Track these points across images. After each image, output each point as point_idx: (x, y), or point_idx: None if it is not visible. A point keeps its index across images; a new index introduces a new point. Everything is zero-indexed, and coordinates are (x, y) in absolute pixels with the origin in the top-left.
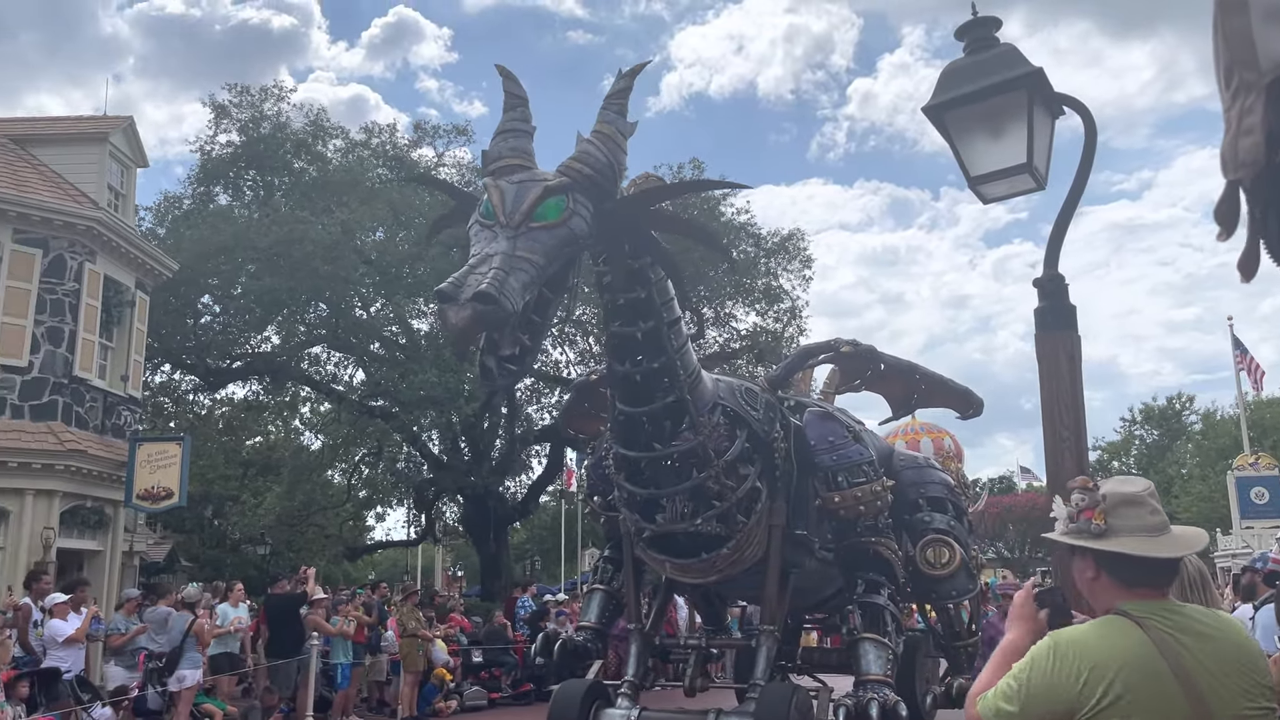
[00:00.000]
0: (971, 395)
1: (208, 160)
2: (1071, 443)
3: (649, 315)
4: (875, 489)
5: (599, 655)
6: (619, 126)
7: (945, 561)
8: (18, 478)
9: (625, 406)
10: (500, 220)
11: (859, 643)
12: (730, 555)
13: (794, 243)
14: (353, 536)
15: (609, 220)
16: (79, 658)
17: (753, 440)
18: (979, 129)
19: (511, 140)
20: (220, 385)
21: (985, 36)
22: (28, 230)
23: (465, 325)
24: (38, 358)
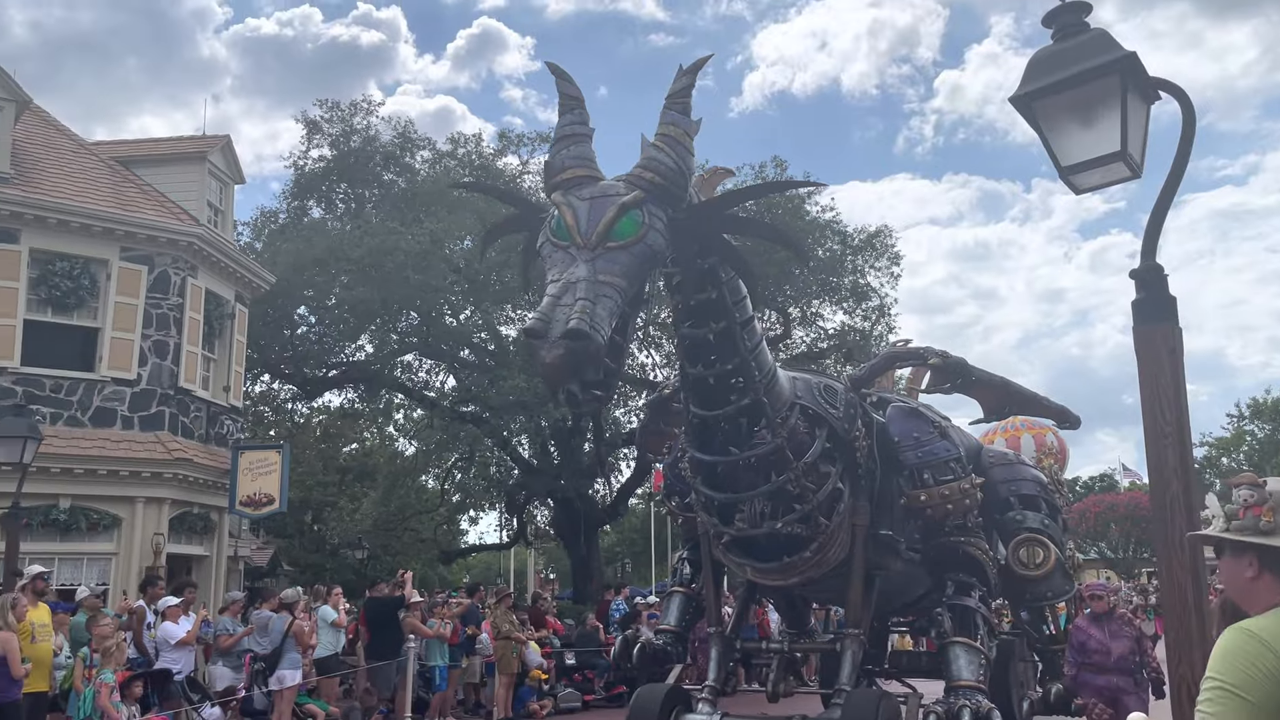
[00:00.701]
0: (1068, 413)
1: (301, 175)
2: (1174, 439)
3: (720, 316)
4: (963, 486)
5: (679, 659)
6: (684, 127)
7: (1039, 562)
8: (129, 486)
9: (699, 410)
10: (576, 241)
11: (949, 647)
12: (812, 558)
13: (881, 239)
14: (447, 540)
15: (681, 227)
16: (189, 659)
17: (833, 439)
18: (1070, 117)
19: (573, 147)
20: (317, 394)
21: (1074, 22)
22: (134, 248)
23: (558, 364)
24: (145, 370)
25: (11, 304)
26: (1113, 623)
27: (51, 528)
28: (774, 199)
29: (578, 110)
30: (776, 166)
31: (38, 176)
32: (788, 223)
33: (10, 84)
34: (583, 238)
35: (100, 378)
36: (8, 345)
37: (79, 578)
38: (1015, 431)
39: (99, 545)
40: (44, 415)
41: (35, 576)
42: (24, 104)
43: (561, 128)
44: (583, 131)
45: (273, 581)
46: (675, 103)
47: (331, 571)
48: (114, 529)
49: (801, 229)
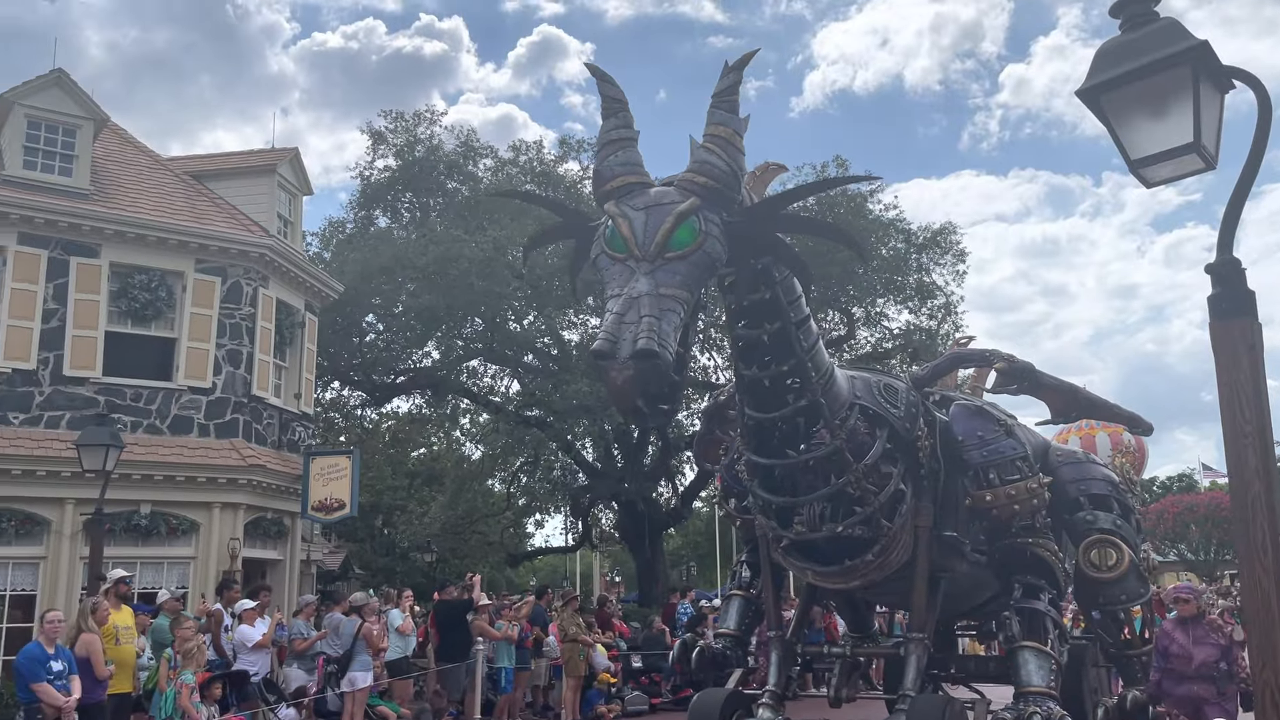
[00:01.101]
0: (1139, 420)
1: (367, 185)
2: (1255, 438)
3: (775, 316)
4: (1030, 486)
5: (738, 663)
6: (733, 126)
7: (1112, 564)
8: (206, 492)
9: (755, 412)
10: (634, 253)
11: (1018, 651)
12: (875, 561)
13: (946, 236)
14: (513, 543)
15: (736, 230)
16: (266, 661)
17: (894, 439)
18: (1139, 109)
19: (620, 152)
20: (385, 400)
21: (1143, 12)
22: (208, 260)
23: (628, 385)
24: (220, 379)
25: (94, 316)
26: (1198, 628)
27: (133, 533)
28: (835, 199)
29: (622, 113)
30: (838, 166)
31: (116, 193)
32: (849, 222)
33: (89, 104)
34: (640, 250)
35: (177, 386)
36: (90, 356)
37: (159, 581)
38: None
39: (178, 550)
40: (125, 424)
41: (118, 580)
42: (102, 122)
43: (606, 132)
44: (628, 135)
45: (344, 585)
46: (722, 101)
47: (401, 574)
48: (192, 534)
49: (864, 228)
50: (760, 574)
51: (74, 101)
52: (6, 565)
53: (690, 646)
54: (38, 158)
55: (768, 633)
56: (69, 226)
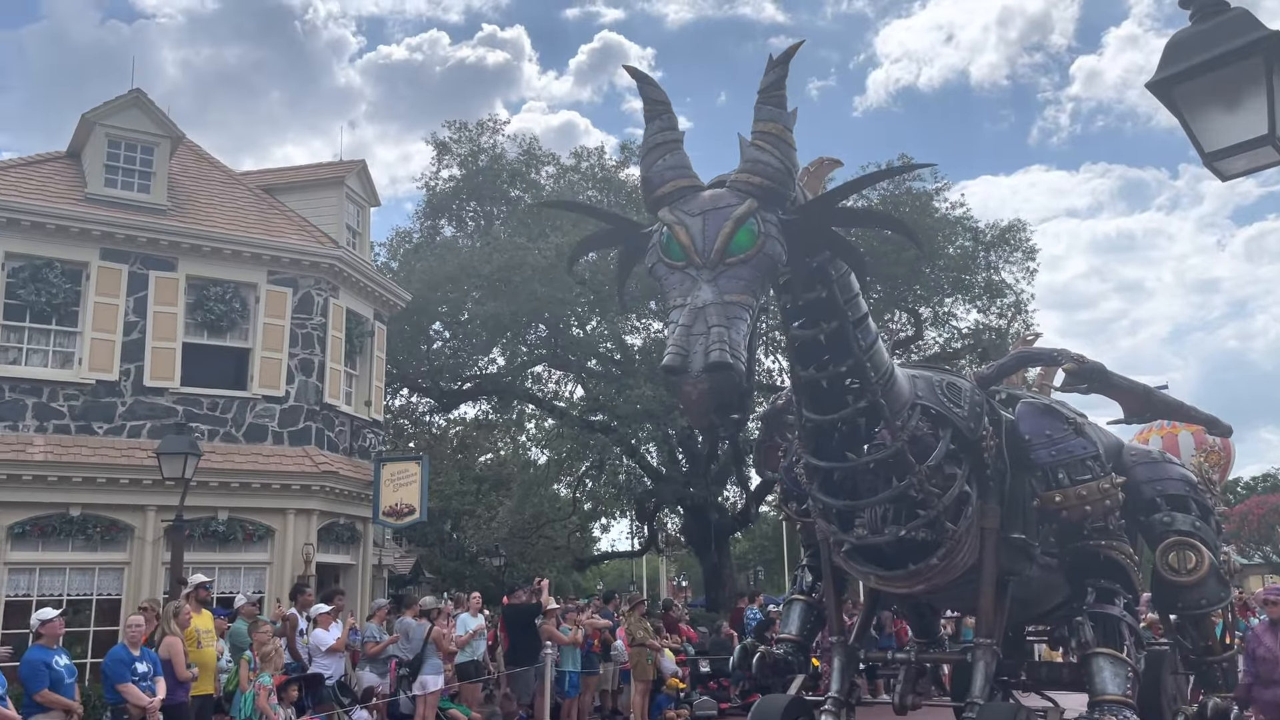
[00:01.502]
0: (1218, 422)
1: (433, 195)
2: None
3: (832, 315)
4: (1102, 486)
5: (800, 669)
6: (783, 121)
7: (1191, 567)
8: (280, 498)
9: (813, 414)
10: (694, 261)
11: (1092, 658)
12: (939, 564)
13: (1015, 234)
14: (580, 547)
15: (792, 227)
16: (340, 664)
17: (958, 440)
18: (1212, 101)
19: (667, 156)
20: (453, 406)
21: (1214, 2)
22: (279, 271)
23: (704, 399)
24: (293, 388)
25: (172, 328)
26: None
27: (211, 539)
28: (900, 197)
29: (665, 115)
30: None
31: (191, 208)
32: (915, 220)
33: (166, 122)
34: (700, 256)
35: (252, 395)
36: (169, 367)
37: (236, 586)
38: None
39: (254, 555)
40: (202, 432)
41: (198, 586)
42: (178, 140)
43: (651, 135)
44: (674, 138)
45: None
46: (769, 96)
47: (471, 579)
48: (268, 539)
49: (930, 226)
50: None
51: (151, 120)
52: (93, 570)
53: (751, 652)
54: (118, 175)
55: (829, 638)
56: (147, 241)
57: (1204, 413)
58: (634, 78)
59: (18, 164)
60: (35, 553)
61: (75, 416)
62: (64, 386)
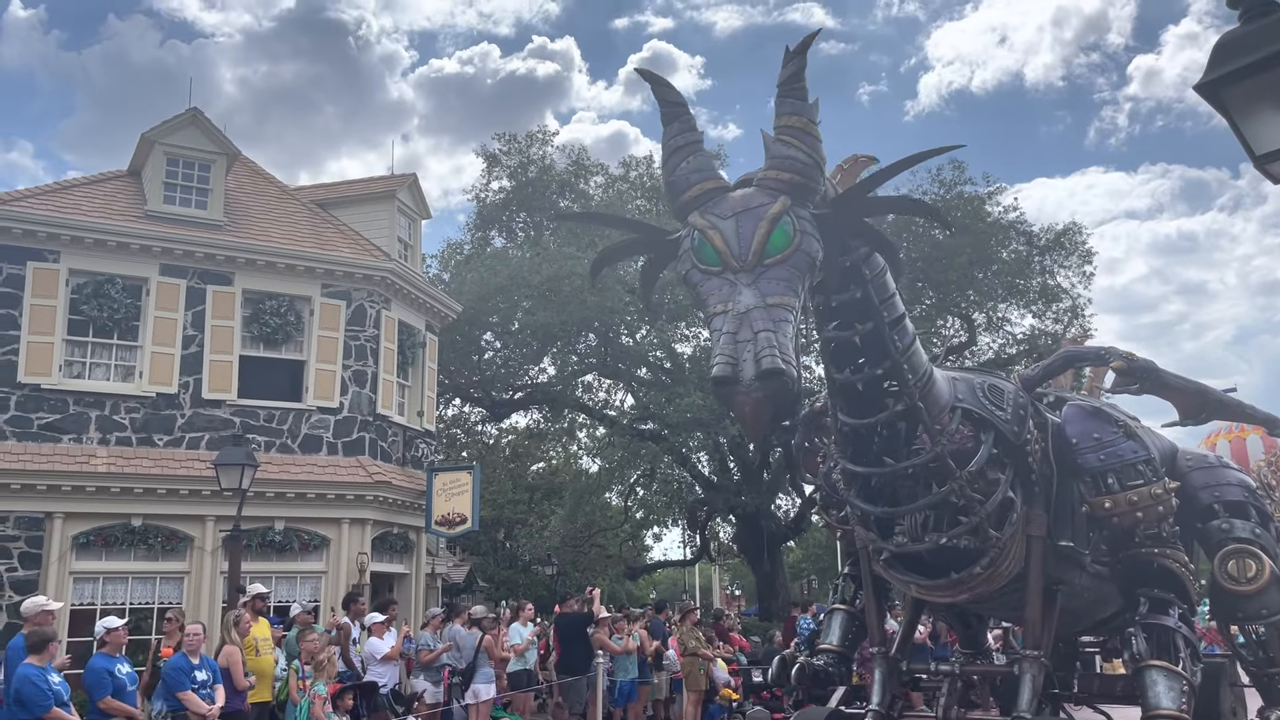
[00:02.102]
0: (1277, 421)
1: (483, 207)
2: None
3: (867, 316)
4: (1155, 491)
5: (842, 680)
6: (806, 114)
7: (1252, 575)
8: (335, 508)
9: (848, 418)
10: (731, 265)
11: (1145, 671)
12: (983, 573)
13: (1071, 237)
14: (632, 556)
15: (825, 223)
16: (394, 673)
17: (1001, 444)
18: (1263, 102)
19: (691, 159)
20: (504, 415)
21: (1263, 2)
22: (333, 284)
23: (759, 409)
24: (346, 399)
25: (229, 341)
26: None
27: (268, 548)
28: (952, 201)
29: (684, 117)
30: (954, 169)
31: (247, 223)
32: (968, 225)
33: (222, 139)
34: (737, 260)
35: (307, 407)
36: (227, 380)
37: (292, 595)
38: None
39: (310, 564)
40: (259, 443)
41: (255, 596)
42: (234, 157)
43: (671, 139)
44: (694, 139)
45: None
46: (790, 89)
47: (523, 587)
48: (323, 549)
49: (983, 231)
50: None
51: (208, 138)
52: (154, 579)
53: (790, 663)
54: (176, 192)
55: (870, 649)
56: (205, 256)
57: (1263, 411)
58: (647, 80)
59: (81, 183)
60: (99, 562)
61: (136, 429)
62: (125, 399)
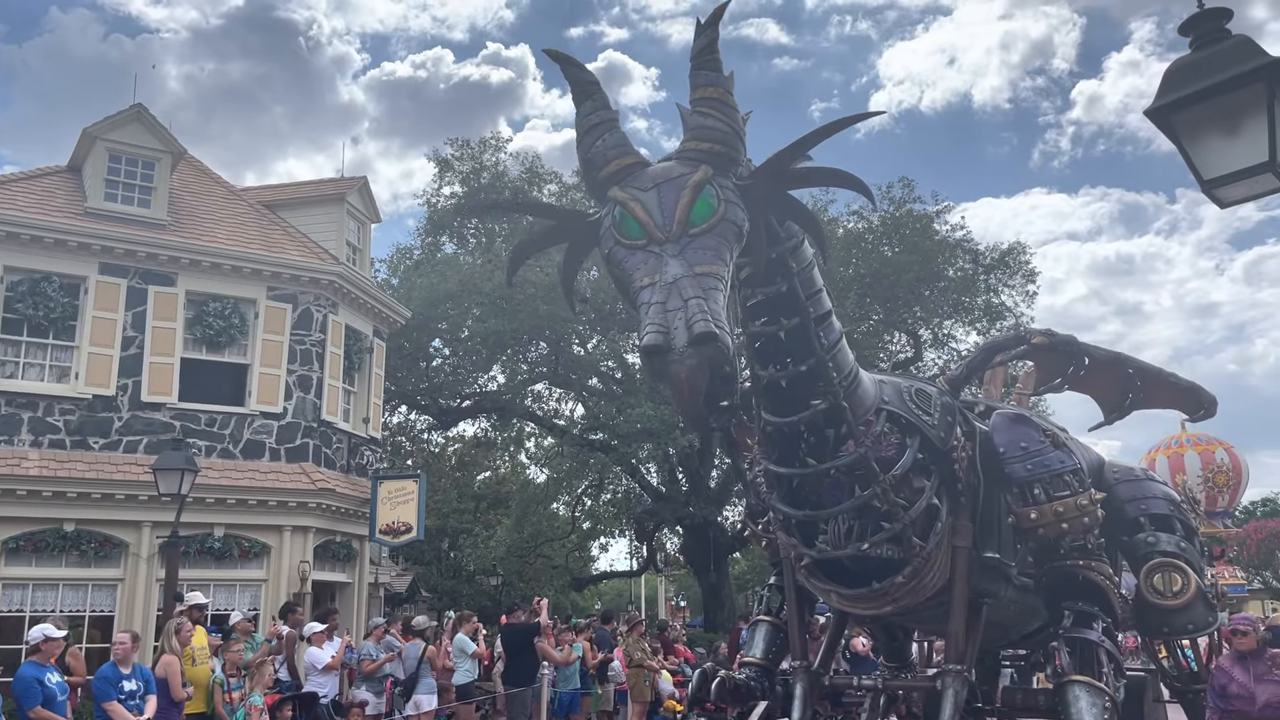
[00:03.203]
0: (1200, 392)
1: (434, 212)
2: None
3: (793, 311)
4: (1080, 502)
5: (764, 695)
6: (722, 85)
7: (1178, 589)
8: (276, 515)
9: (771, 416)
10: (655, 236)
11: (1068, 686)
12: (906, 583)
13: (1015, 256)
14: (578, 567)
15: (748, 195)
16: (334, 683)
17: (927, 449)
18: (1212, 128)
19: (606, 135)
20: (452, 424)
21: (1214, 29)
22: (279, 287)
23: (694, 376)
24: (290, 404)
25: (170, 343)
26: (1260, 663)
27: (207, 555)
28: (900, 219)
29: (597, 95)
30: (904, 186)
31: (192, 223)
32: (916, 242)
33: (167, 137)
34: (662, 231)
35: (250, 412)
36: (167, 382)
37: (232, 603)
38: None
39: (250, 572)
40: (199, 448)
41: (193, 605)
42: (179, 155)
43: (585, 118)
44: (609, 117)
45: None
46: (704, 61)
47: (467, 598)
48: (264, 556)
49: (930, 249)
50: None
51: (153, 135)
52: (86, 586)
53: (710, 677)
54: (118, 190)
55: (791, 663)
56: (147, 256)
57: (1185, 380)
58: (557, 61)
59: (18, 178)
60: (29, 568)
61: (71, 431)
62: (60, 401)
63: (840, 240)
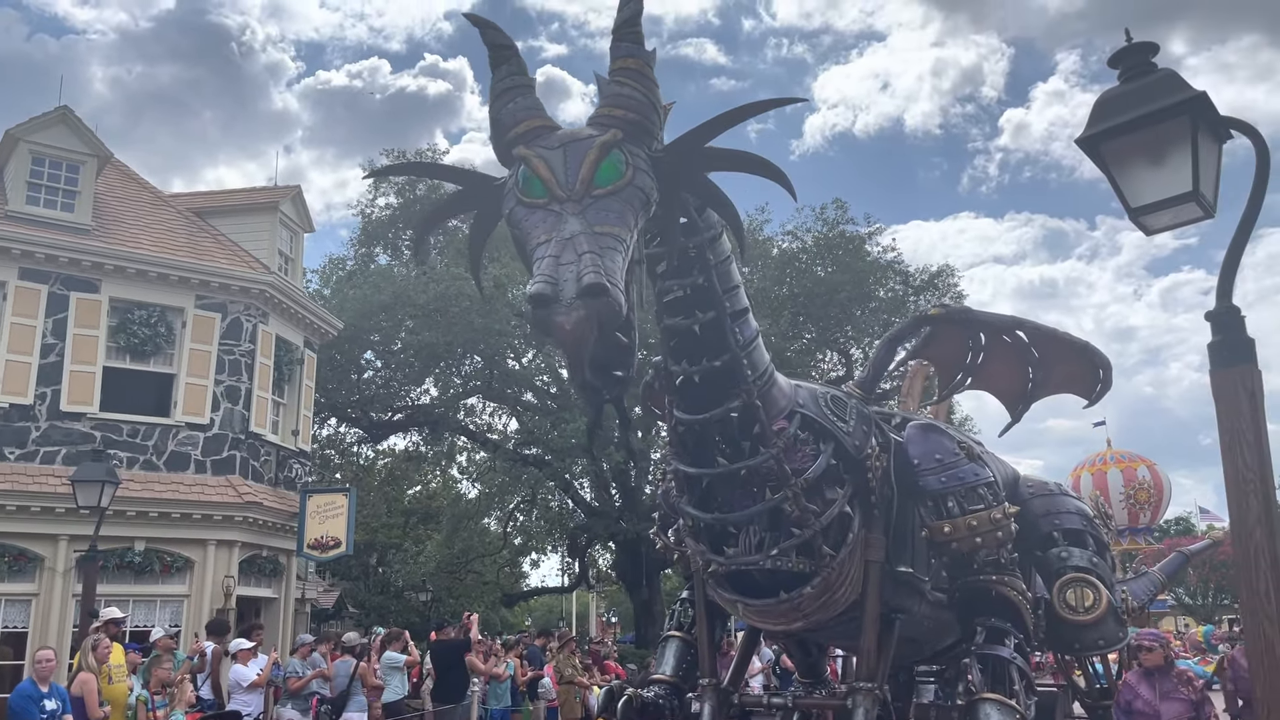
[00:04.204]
0: (1093, 352)
1: (368, 223)
2: (1257, 486)
3: (709, 304)
4: (994, 516)
5: (673, 714)
6: (642, 58)
7: (1090, 605)
8: (201, 529)
9: (684, 414)
10: (557, 195)
11: (978, 705)
12: (816, 596)
13: (944, 279)
14: (509, 583)
15: (661, 168)
16: (259, 701)
17: (841, 456)
18: (1139, 158)
19: (519, 99)
20: (383, 437)
21: (1141, 63)
22: (208, 296)
23: (580, 328)
24: (218, 415)
25: (92, 351)
26: (1166, 680)
27: (126, 570)
28: (833, 240)
29: (514, 60)
30: (837, 207)
31: (117, 228)
32: (849, 263)
33: (93, 140)
34: (564, 189)
35: (175, 423)
36: (88, 392)
37: (152, 619)
38: (1102, 466)
39: (172, 588)
40: (121, 460)
41: (109, 620)
42: (105, 159)
43: (500, 81)
44: (524, 82)
45: (338, 624)
46: (626, 34)
47: (396, 614)
48: (186, 571)
49: (862, 269)
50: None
51: (78, 138)
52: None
53: (617, 695)
54: (40, 194)
55: (700, 680)
56: (69, 262)
57: (1078, 339)
58: (475, 24)
59: None
60: None
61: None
62: None
63: (774, 260)
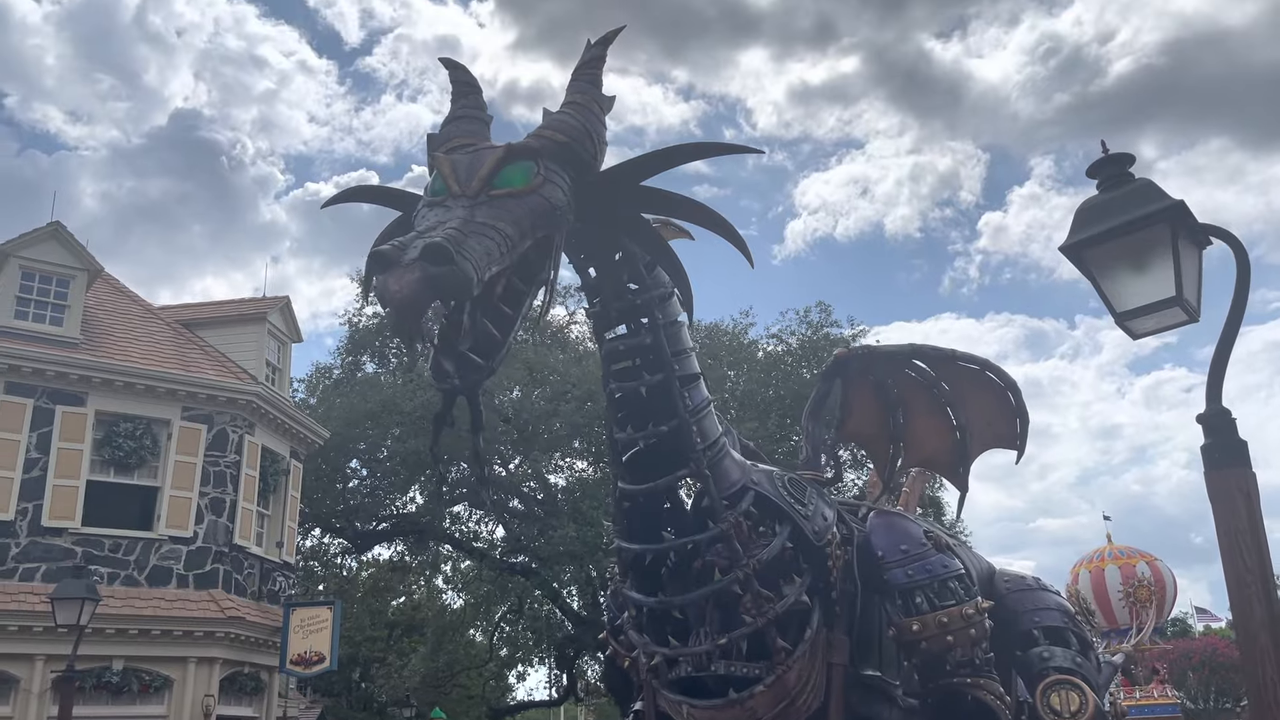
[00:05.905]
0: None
1: (355, 331)
2: (1258, 587)
3: (657, 367)
4: (967, 612)
5: None
6: (593, 95)
7: (1076, 709)
8: (181, 646)
9: (628, 484)
10: (453, 190)
11: None
12: (772, 700)
13: None
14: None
15: (591, 197)
16: None
17: (798, 542)
18: (1122, 264)
19: (465, 125)
20: (367, 547)
21: (1119, 173)
22: (194, 407)
23: (412, 292)
24: (201, 528)
25: (76, 466)
26: None
27: (104, 690)
28: (817, 341)
29: (473, 96)
30: (821, 310)
31: (106, 341)
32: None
33: (84, 255)
34: (461, 186)
35: (158, 536)
36: (70, 506)
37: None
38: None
39: (149, 708)
40: (101, 575)
41: None
42: (95, 273)
43: (455, 109)
44: (477, 115)
45: None
46: (584, 73)
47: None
48: (165, 690)
49: None
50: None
51: (69, 253)
52: None
53: None
54: (29, 308)
55: None
56: (56, 375)
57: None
58: (446, 66)
59: None
60: None
61: None
62: None
63: (760, 363)
